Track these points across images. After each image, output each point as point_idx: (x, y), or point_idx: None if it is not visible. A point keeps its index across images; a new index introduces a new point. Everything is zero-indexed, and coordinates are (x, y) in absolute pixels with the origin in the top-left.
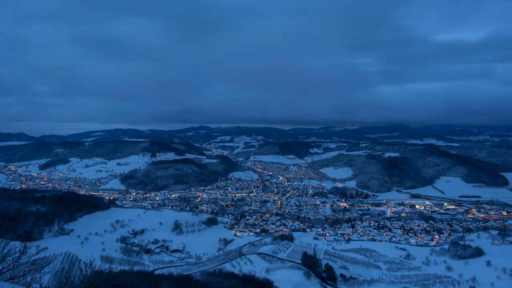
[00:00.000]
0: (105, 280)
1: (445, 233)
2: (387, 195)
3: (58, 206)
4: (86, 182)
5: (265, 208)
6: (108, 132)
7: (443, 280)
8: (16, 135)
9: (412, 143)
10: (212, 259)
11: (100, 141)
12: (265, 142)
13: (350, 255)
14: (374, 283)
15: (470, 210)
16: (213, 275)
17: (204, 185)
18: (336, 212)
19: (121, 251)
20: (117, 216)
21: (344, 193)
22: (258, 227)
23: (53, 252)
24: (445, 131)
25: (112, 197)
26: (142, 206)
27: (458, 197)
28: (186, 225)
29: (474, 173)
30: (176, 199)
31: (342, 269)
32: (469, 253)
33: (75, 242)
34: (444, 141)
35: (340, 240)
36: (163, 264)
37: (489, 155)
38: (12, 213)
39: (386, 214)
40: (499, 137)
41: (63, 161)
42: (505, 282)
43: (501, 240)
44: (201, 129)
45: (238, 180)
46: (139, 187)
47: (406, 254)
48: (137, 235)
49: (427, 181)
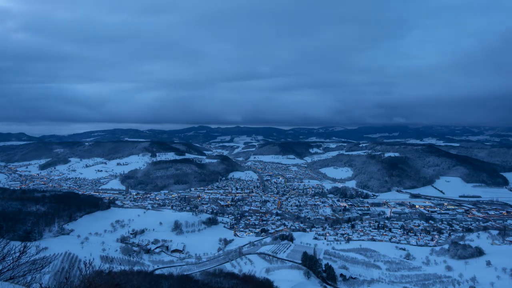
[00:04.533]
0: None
1: (445, 233)
2: (387, 195)
3: (58, 206)
4: (86, 182)
5: (265, 208)
6: (108, 132)
7: (443, 280)
8: (16, 135)
9: (412, 143)
10: (212, 259)
11: (100, 141)
12: (265, 142)
13: (350, 255)
14: (374, 283)
15: (470, 210)
16: (213, 275)
17: (204, 185)
18: (336, 212)
19: (121, 251)
20: (117, 216)
21: (344, 193)
22: (258, 227)
23: (53, 252)
24: (445, 131)
25: (112, 197)
26: (142, 206)
27: (458, 197)
28: (186, 225)
29: (474, 173)
30: (176, 199)
31: (342, 269)
32: (469, 253)
33: (75, 242)
34: (444, 141)
35: (340, 240)
36: (163, 264)
37: (489, 155)
38: (12, 213)
39: (386, 214)
40: (499, 137)
41: (63, 161)
42: (505, 282)
43: (501, 240)
44: (201, 129)
45: (238, 180)
46: (139, 187)
47: (406, 254)
48: (137, 235)
49: (427, 181)
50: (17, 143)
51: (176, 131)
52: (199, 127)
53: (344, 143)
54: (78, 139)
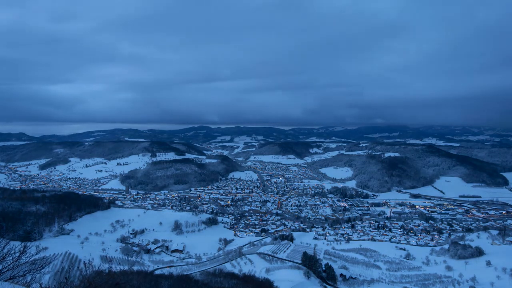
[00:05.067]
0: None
1: (445, 233)
2: (387, 195)
3: (58, 206)
4: (86, 182)
5: (265, 208)
6: (108, 132)
7: (443, 280)
8: (16, 135)
9: (412, 143)
10: (212, 259)
11: (100, 141)
12: (265, 142)
13: (350, 255)
14: (374, 283)
15: (470, 210)
16: (213, 275)
17: (204, 185)
18: (336, 212)
19: (121, 251)
20: (117, 216)
21: (344, 193)
22: (258, 227)
23: (53, 252)
24: (445, 131)
25: (112, 197)
26: (142, 206)
27: (458, 197)
28: (186, 225)
29: (474, 173)
30: (176, 199)
31: (342, 269)
32: (469, 253)
33: (75, 242)
34: (444, 141)
35: (340, 240)
36: (163, 264)
37: (489, 155)
38: (12, 213)
39: (386, 214)
40: (499, 137)
41: (63, 161)
42: (505, 282)
43: (501, 240)
44: (201, 129)
45: (238, 180)
46: (139, 187)
47: (406, 254)
48: (137, 235)
49: (427, 181)
50: (17, 143)
51: (176, 131)
52: (199, 127)
53: (344, 143)
54: (78, 139)
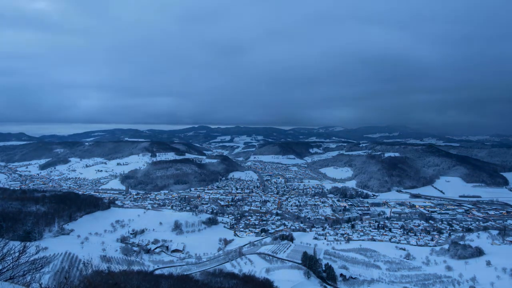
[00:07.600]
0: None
1: (445, 233)
2: (387, 195)
3: (58, 206)
4: (86, 182)
5: (265, 208)
6: (108, 132)
7: (443, 280)
8: (16, 135)
9: (412, 143)
10: (212, 259)
11: (100, 141)
12: (265, 142)
13: (350, 255)
14: (374, 283)
15: (470, 210)
16: (213, 275)
17: (204, 185)
18: (336, 212)
19: (121, 251)
20: (117, 216)
21: (344, 193)
22: (258, 227)
23: (53, 252)
24: (445, 131)
25: (112, 197)
26: (142, 206)
27: (458, 197)
28: (186, 225)
29: (474, 173)
30: (176, 199)
31: (342, 269)
32: (469, 253)
33: (75, 242)
34: (444, 141)
35: (340, 240)
36: (163, 264)
37: (489, 155)
38: (12, 213)
39: (386, 214)
40: (499, 137)
41: (63, 161)
42: (505, 282)
43: (501, 240)
44: (201, 129)
45: (238, 180)
46: (139, 187)
47: (406, 254)
48: (137, 235)
49: (427, 181)
50: (17, 143)
51: (176, 131)
52: (199, 127)
53: (344, 143)
54: (78, 139)
